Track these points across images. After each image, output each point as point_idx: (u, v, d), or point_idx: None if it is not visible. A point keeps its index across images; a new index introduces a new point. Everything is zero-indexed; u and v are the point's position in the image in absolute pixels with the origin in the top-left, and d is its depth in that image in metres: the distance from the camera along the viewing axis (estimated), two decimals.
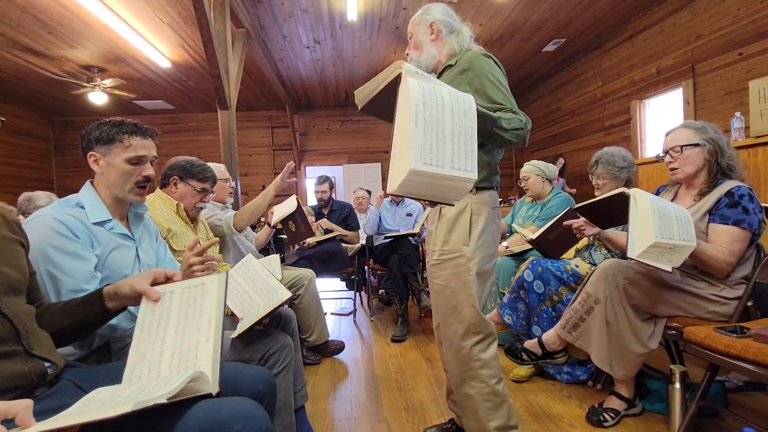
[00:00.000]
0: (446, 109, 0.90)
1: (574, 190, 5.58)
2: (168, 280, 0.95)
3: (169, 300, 0.91)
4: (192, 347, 0.85)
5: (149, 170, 1.20)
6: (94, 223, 1.13)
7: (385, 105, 1.06)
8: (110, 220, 1.17)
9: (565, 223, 1.80)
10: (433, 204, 1.43)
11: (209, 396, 0.77)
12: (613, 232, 1.70)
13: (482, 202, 1.36)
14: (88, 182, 1.20)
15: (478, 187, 1.36)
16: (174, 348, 0.85)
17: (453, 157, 0.89)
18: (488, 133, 1.22)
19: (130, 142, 1.16)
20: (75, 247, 1.05)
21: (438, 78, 1.40)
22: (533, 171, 2.62)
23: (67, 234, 1.05)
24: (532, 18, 4.46)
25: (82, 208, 1.13)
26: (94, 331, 0.97)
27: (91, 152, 1.16)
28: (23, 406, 0.62)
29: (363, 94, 1.11)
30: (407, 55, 1.52)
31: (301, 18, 4.24)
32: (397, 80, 0.95)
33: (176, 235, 1.69)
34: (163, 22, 4.12)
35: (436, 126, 0.88)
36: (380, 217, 3.54)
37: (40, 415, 0.71)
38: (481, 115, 1.13)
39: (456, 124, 0.90)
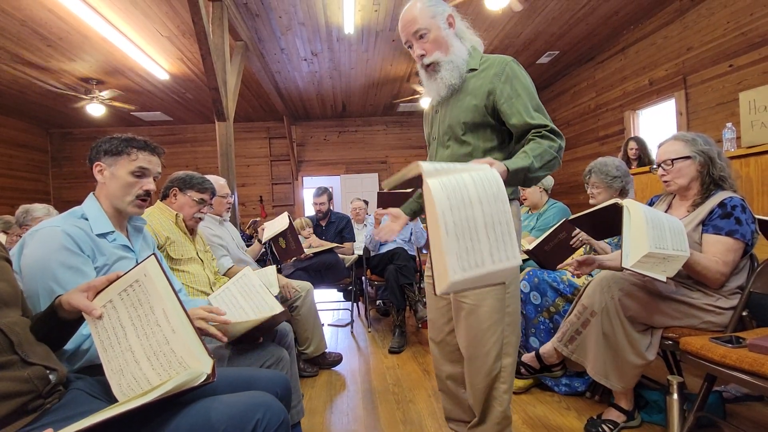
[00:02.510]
0: (474, 204, 0.85)
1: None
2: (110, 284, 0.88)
3: (112, 310, 0.85)
4: (163, 343, 0.82)
5: (151, 184, 1.23)
6: (98, 235, 1.14)
7: (410, 186, 1.07)
8: (113, 231, 1.19)
9: (557, 227, 1.82)
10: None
11: (209, 381, 0.78)
12: (606, 260, 1.69)
13: (513, 215, 1.25)
14: (91, 194, 1.22)
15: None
16: (146, 351, 0.83)
17: (492, 251, 0.85)
18: (523, 182, 1.16)
19: (138, 156, 1.21)
20: (77, 262, 1.05)
21: (463, 85, 1.27)
22: None
23: (73, 248, 1.05)
24: (526, 31, 4.53)
25: (86, 219, 1.15)
26: (65, 342, 0.95)
27: (97, 162, 1.20)
28: None
29: (390, 185, 1.07)
30: (421, 57, 1.27)
31: (298, 31, 4.30)
32: (419, 176, 0.90)
33: (174, 243, 1.71)
34: (162, 36, 4.16)
35: (467, 226, 0.84)
36: None
37: (54, 424, 0.75)
38: (514, 172, 1.09)
39: (487, 215, 0.85)
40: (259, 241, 2.60)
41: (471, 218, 0.84)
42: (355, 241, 3.66)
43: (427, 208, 0.88)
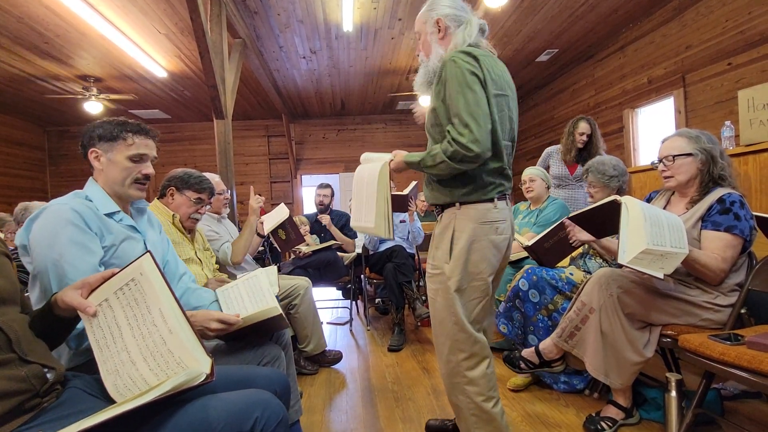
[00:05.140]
0: (364, 185, 1.47)
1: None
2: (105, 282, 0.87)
3: (108, 309, 0.84)
4: (160, 344, 0.81)
5: (149, 168, 1.23)
6: (105, 215, 1.15)
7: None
8: (119, 211, 1.19)
9: (557, 224, 1.83)
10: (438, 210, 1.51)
11: (208, 381, 0.77)
12: (607, 240, 1.71)
13: (467, 218, 1.32)
14: (91, 178, 1.22)
15: (462, 202, 1.33)
16: (142, 352, 0.81)
17: (363, 214, 1.47)
18: (422, 170, 1.34)
19: (134, 140, 1.19)
20: (85, 239, 1.06)
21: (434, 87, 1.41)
22: (539, 175, 2.63)
23: (81, 225, 1.06)
24: (525, 29, 4.53)
25: (91, 201, 1.15)
26: (63, 339, 0.94)
27: (92, 149, 1.18)
28: None
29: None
30: (418, 56, 1.46)
31: (297, 29, 4.28)
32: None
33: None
34: (160, 33, 4.14)
35: (359, 196, 1.50)
36: None
37: (51, 423, 0.76)
38: (408, 164, 1.37)
39: (366, 192, 1.45)
40: (259, 234, 2.59)
41: (363, 192, 1.48)
42: (357, 237, 3.66)
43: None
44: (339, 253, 3.34)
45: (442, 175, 1.32)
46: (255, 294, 1.41)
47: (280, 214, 2.57)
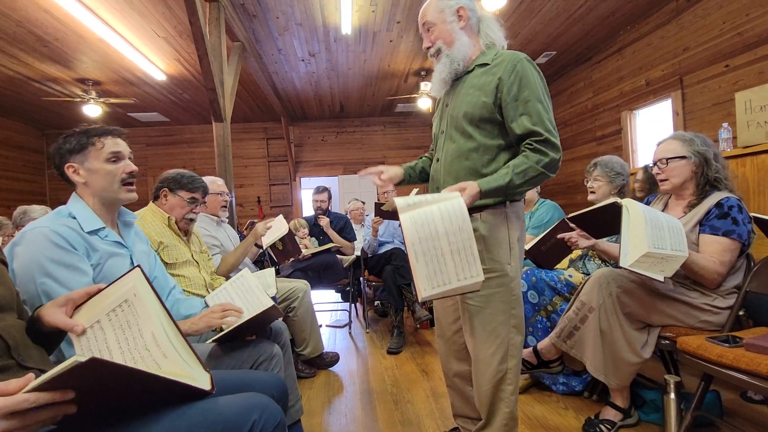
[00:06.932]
0: (440, 236, 1.03)
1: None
2: (90, 298, 0.85)
3: (100, 331, 0.81)
4: (154, 369, 0.80)
5: (131, 165, 1.20)
6: (89, 232, 1.12)
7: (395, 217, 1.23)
8: (104, 228, 1.17)
9: (558, 236, 1.80)
10: None
11: (208, 393, 0.78)
12: (607, 244, 1.72)
13: (516, 216, 1.28)
14: (74, 194, 1.19)
15: (513, 200, 1.27)
16: None
17: (457, 271, 1.03)
18: (508, 196, 1.19)
19: (102, 142, 1.17)
20: (73, 260, 1.04)
21: (468, 75, 1.30)
22: None
23: (65, 246, 1.03)
24: (523, 31, 4.54)
25: (74, 218, 1.12)
26: (55, 348, 0.92)
27: (67, 164, 1.15)
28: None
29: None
30: (427, 49, 1.33)
31: (295, 32, 4.29)
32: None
33: (168, 248, 1.68)
34: (159, 36, 4.15)
35: (434, 254, 1.03)
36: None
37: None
38: (489, 193, 1.16)
39: (452, 243, 1.03)
40: (257, 245, 2.58)
41: (438, 248, 1.03)
42: (356, 240, 3.65)
43: (405, 238, 1.06)
44: (338, 256, 3.34)
45: (523, 192, 1.23)
46: (245, 294, 1.40)
47: (279, 228, 2.56)
